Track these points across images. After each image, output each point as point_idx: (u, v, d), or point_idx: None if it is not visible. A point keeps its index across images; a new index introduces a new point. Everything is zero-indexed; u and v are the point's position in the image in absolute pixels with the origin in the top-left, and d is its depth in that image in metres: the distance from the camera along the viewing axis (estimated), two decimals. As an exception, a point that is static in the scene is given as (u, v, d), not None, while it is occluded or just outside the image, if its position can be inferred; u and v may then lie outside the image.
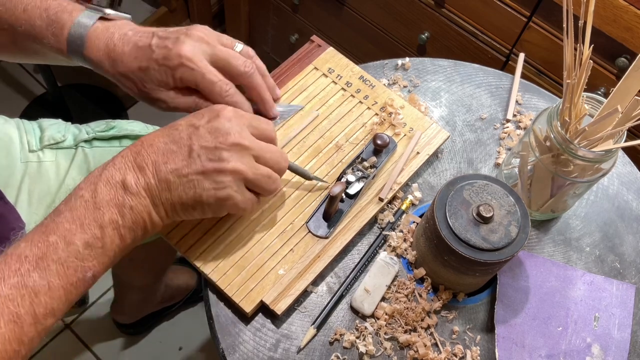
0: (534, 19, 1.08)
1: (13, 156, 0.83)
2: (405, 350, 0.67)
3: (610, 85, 1.04)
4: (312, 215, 0.70)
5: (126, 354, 1.47)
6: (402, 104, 0.79)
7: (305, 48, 0.83)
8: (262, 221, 0.70)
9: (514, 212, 0.64)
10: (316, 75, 0.80)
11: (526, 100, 0.87)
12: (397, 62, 0.87)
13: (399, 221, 0.74)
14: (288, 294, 0.66)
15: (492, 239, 0.62)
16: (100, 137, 0.88)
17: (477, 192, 0.64)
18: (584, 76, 0.63)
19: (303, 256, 0.68)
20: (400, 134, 0.77)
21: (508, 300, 0.70)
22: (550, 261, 0.74)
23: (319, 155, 0.75)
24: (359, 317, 0.69)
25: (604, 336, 0.70)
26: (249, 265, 0.67)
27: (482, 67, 0.89)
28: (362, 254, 0.72)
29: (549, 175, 0.69)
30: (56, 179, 0.84)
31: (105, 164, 0.59)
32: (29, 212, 0.81)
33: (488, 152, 0.81)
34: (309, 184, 0.73)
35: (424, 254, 0.69)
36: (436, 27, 1.24)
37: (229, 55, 0.66)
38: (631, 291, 0.73)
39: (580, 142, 0.65)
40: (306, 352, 0.66)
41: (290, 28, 1.57)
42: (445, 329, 0.69)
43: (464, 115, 0.84)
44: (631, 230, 0.78)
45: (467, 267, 0.64)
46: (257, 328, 0.67)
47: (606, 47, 1.00)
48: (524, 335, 0.69)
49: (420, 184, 0.78)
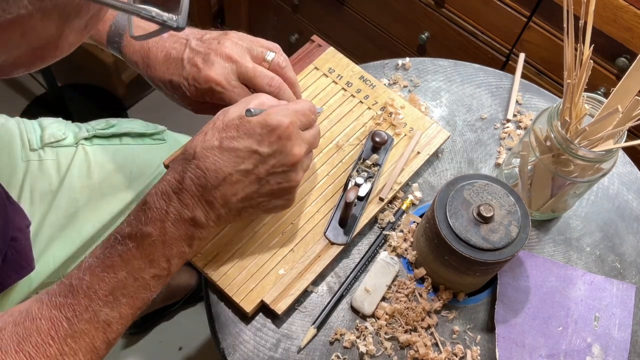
0: (534, 19, 1.08)
1: (14, 155, 0.83)
2: (405, 350, 0.67)
3: (611, 85, 1.05)
4: (328, 224, 0.70)
5: (126, 354, 1.47)
6: (403, 103, 0.79)
7: (305, 48, 0.83)
8: (262, 221, 0.70)
9: (514, 212, 0.64)
10: (316, 75, 0.80)
11: (526, 100, 0.87)
12: (398, 62, 0.87)
13: (399, 221, 0.74)
14: (288, 294, 0.66)
15: (493, 238, 0.62)
16: (101, 134, 0.88)
17: (478, 192, 0.64)
18: (584, 76, 0.63)
19: (303, 256, 0.68)
20: (401, 134, 0.77)
21: (508, 300, 0.70)
22: (551, 261, 0.74)
23: (319, 155, 0.75)
24: (359, 317, 0.69)
25: (604, 336, 0.70)
26: (249, 265, 0.67)
27: (483, 67, 0.89)
28: (363, 254, 0.72)
29: (549, 175, 0.69)
30: (57, 177, 0.84)
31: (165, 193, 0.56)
32: (31, 210, 0.81)
33: (488, 152, 0.81)
34: (309, 184, 0.73)
35: (424, 254, 0.69)
36: (436, 27, 1.24)
37: (255, 74, 0.67)
38: (631, 291, 0.73)
39: (581, 142, 0.65)
40: (306, 352, 0.66)
41: (290, 28, 1.57)
42: (446, 328, 0.69)
43: (464, 115, 0.84)
44: (631, 230, 0.78)
45: (467, 267, 0.64)
46: (258, 328, 0.67)
47: (606, 47, 1.01)
48: (524, 335, 0.69)
49: (421, 183, 0.78)
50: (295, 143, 0.59)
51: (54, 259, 0.82)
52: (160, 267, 0.55)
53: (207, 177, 0.56)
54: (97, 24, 0.43)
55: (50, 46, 0.40)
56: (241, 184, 0.57)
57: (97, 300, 0.53)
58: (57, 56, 0.42)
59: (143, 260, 0.55)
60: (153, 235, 0.55)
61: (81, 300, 0.52)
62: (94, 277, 0.53)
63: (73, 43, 0.42)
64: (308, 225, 0.70)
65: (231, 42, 0.67)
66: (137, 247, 0.55)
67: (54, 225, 0.82)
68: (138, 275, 0.54)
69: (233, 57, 0.66)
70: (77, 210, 0.84)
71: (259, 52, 0.69)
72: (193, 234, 0.57)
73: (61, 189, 0.83)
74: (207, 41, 0.67)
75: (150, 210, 0.56)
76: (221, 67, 0.65)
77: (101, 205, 0.85)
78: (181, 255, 0.57)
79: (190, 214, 0.56)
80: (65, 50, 0.42)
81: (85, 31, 0.42)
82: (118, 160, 0.88)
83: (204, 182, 0.56)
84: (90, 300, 0.52)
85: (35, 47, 0.40)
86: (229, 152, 0.57)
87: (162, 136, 0.93)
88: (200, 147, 0.57)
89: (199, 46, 0.67)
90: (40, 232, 0.82)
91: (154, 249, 0.55)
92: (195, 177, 0.56)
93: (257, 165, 0.58)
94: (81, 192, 0.84)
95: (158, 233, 0.55)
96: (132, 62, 0.69)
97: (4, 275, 0.71)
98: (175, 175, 0.57)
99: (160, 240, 0.55)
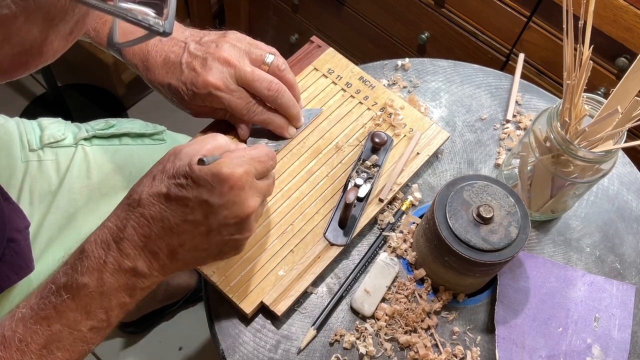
0: (534, 19, 1.08)
1: (14, 156, 0.83)
2: (405, 351, 0.67)
3: (610, 85, 1.04)
4: (328, 225, 0.70)
5: (126, 354, 1.47)
6: (402, 104, 0.79)
7: (305, 49, 0.83)
8: (262, 223, 0.70)
9: (514, 212, 0.64)
10: (316, 76, 0.80)
11: (526, 100, 0.86)
12: (397, 63, 0.87)
13: (399, 222, 0.74)
14: (288, 295, 0.66)
15: (492, 239, 0.62)
16: (100, 135, 0.88)
17: (477, 193, 0.64)
18: (584, 77, 0.63)
19: (303, 257, 0.68)
20: (400, 135, 0.77)
21: (508, 300, 0.70)
22: (551, 262, 0.74)
23: (318, 156, 0.75)
24: (359, 318, 0.69)
25: (604, 337, 0.70)
26: (249, 267, 0.67)
27: (482, 68, 0.89)
28: (362, 255, 0.72)
29: (549, 176, 0.69)
30: (57, 177, 0.84)
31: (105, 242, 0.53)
32: (30, 211, 0.81)
33: (488, 152, 0.81)
34: (308, 185, 0.73)
35: (424, 255, 0.69)
36: (436, 27, 1.24)
37: (254, 78, 0.66)
38: (631, 292, 0.73)
39: (580, 143, 0.65)
40: (306, 353, 0.66)
41: (290, 28, 1.57)
42: (446, 329, 0.69)
43: (463, 116, 0.84)
44: (631, 230, 0.78)
45: (467, 268, 0.64)
46: (257, 329, 0.67)
47: (606, 47, 1.00)
48: (524, 336, 0.69)
49: (420, 184, 0.77)
50: (249, 194, 0.55)
51: (54, 260, 0.82)
52: (98, 319, 0.52)
53: (151, 227, 0.53)
54: (82, 30, 0.42)
55: (34, 51, 0.39)
56: (189, 234, 0.54)
57: (30, 354, 0.50)
58: (41, 63, 0.41)
59: (79, 312, 0.51)
60: (90, 286, 0.51)
61: (13, 354, 0.49)
62: (27, 329, 0.50)
63: (58, 49, 0.41)
64: (308, 226, 0.70)
65: (229, 44, 0.67)
66: (72, 299, 0.51)
67: (53, 225, 0.82)
68: (74, 328, 0.51)
69: (231, 62, 0.66)
70: (77, 211, 0.84)
71: (258, 54, 0.68)
72: (135, 285, 0.53)
73: (61, 190, 0.83)
74: (205, 44, 0.67)
75: (88, 259, 0.52)
76: (219, 72, 0.65)
77: (101, 205, 0.85)
78: (122, 307, 0.53)
79: (131, 264, 0.52)
80: (50, 56, 0.41)
81: (70, 37, 0.41)
82: (117, 160, 0.87)
83: (148, 231, 0.53)
84: (22, 354, 0.50)
85: (19, 52, 0.38)
86: (177, 201, 0.53)
87: (161, 136, 0.93)
88: (147, 193, 0.53)
89: (197, 50, 0.67)
90: (39, 232, 0.81)
91: (91, 301, 0.52)
92: (139, 225, 0.53)
93: (208, 216, 0.54)
94: (81, 192, 0.84)
95: (95, 284, 0.52)
96: (132, 64, 0.69)
97: (3, 277, 0.71)
98: (117, 222, 0.53)
99: (98, 291, 0.52)
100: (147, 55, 0.68)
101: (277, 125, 0.73)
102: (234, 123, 0.74)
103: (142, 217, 0.53)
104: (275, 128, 0.73)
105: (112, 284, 0.52)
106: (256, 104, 0.70)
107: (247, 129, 0.73)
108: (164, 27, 0.38)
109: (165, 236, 0.53)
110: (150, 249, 0.53)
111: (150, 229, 0.53)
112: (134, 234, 0.52)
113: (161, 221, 0.53)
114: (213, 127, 0.75)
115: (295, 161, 0.74)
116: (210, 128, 0.75)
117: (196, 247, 0.55)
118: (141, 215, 0.53)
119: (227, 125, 0.75)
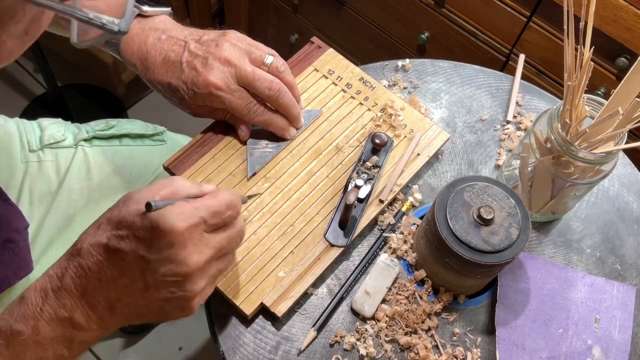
0: (534, 19, 1.08)
1: (14, 156, 0.83)
2: (405, 352, 0.67)
3: (610, 85, 1.04)
4: (328, 226, 0.70)
5: (126, 354, 1.47)
6: (403, 105, 0.79)
7: (305, 49, 0.82)
8: (262, 223, 0.70)
9: (515, 213, 0.64)
10: (316, 77, 0.80)
11: (526, 101, 0.86)
12: (397, 64, 0.87)
13: (399, 223, 0.74)
14: (288, 296, 0.66)
15: (493, 240, 0.62)
16: (100, 135, 0.88)
17: (478, 194, 0.64)
18: (585, 78, 0.63)
19: (303, 258, 0.68)
20: (401, 136, 0.77)
21: (509, 302, 0.70)
22: (551, 263, 0.74)
23: (319, 157, 0.75)
24: (359, 319, 0.69)
25: (605, 338, 0.70)
26: (249, 268, 0.67)
27: (482, 69, 0.89)
28: (363, 256, 0.71)
29: (550, 177, 0.69)
30: (56, 178, 0.84)
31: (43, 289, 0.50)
32: (30, 211, 0.81)
33: (488, 153, 0.81)
34: (309, 186, 0.73)
35: (424, 256, 0.68)
36: (436, 27, 1.24)
37: (254, 78, 0.66)
38: (632, 293, 0.73)
39: (581, 144, 0.65)
40: (306, 355, 0.66)
41: (290, 28, 1.57)
42: (446, 331, 0.69)
43: (464, 117, 0.84)
44: (632, 231, 0.78)
45: (467, 269, 0.64)
46: (258, 330, 0.67)
47: (606, 47, 1.00)
48: (524, 337, 0.68)
49: (421, 185, 0.77)
50: (193, 251, 0.50)
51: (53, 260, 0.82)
52: None
53: (88, 279, 0.50)
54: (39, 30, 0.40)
55: None
56: (126, 289, 0.51)
57: None
58: None
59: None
60: (24, 333, 0.49)
61: None
62: None
63: (13, 50, 0.39)
64: (308, 227, 0.70)
65: (230, 44, 0.67)
66: (5, 346, 0.49)
67: (53, 226, 0.82)
68: None
69: (232, 61, 0.66)
70: (77, 212, 0.84)
71: (258, 55, 0.68)
72: (72, 337, 0.50)
73: (60, 191, 0.83)
74: (205, 43, 0.67)
75: (25, 306, 0.50)
76: (220, 72, 0.65)
77: (100, 206, 0.85)
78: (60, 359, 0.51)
79: (68, 314, 0.50)
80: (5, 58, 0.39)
81: (27, 38, 0.39)
82: (117, 161, 0.87)
83: (85, 283, 0.50)
84: None
85: None
86: (114, 253, 0.50)
87: (161, 137, 0.93)
88: (88, 243, 0.51)
89: (197, 49, 0.67)
90: (39, 233, 0.81)
91: (25, 349, 0.49)
92: (77, 276, 0.50)
93: (144, 272, 0.50)
94: (80, 193, 0.84)
95: (30, 332, 0.49)
96: (130, 64, 0.69)
97: (2, 277, 0.71)
98: (58, 270, 0.51)
99: (32, 340, 0.49)
100: (146, 55, 0.67)
101: (278, 126, 0.73)
102: (234, 124, 0.74)
103: (80, 268, 0.50)
104: (276, 129, 0.73)
105: (47, 334, 0.50)
106: (257, 104, 0.70)
107: (247, 129, 0.73)
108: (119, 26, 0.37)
109: (103, 289, 0.51)
110: (87, 300, 0.51)
111: (87, 281, 0.50)
112: (71, 284, 0.50)
113: (98, 273, 0.50)
114: (213, 128, 0.75)
115: (296, 162, 0.74)
116: (210, 129, 0.75)
117: (134, 302, 0.52)
118: (79, 266, 0.51)
119: (227, 127, 0.75)
